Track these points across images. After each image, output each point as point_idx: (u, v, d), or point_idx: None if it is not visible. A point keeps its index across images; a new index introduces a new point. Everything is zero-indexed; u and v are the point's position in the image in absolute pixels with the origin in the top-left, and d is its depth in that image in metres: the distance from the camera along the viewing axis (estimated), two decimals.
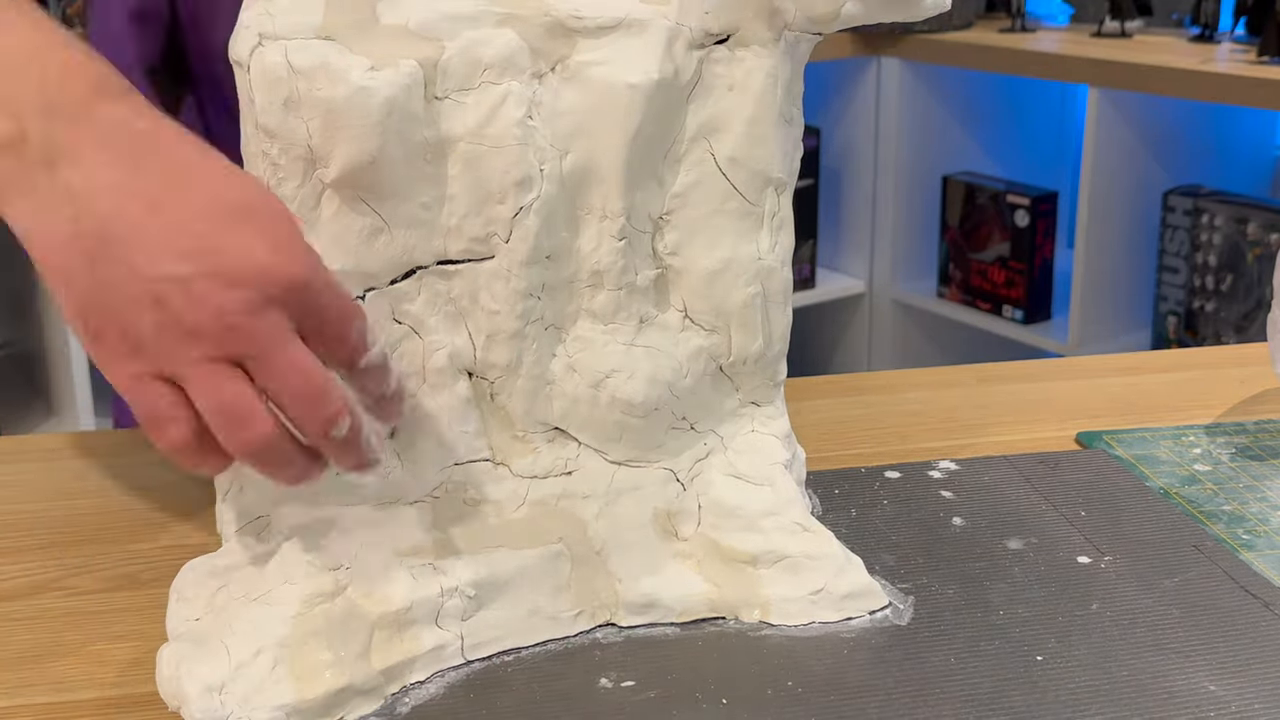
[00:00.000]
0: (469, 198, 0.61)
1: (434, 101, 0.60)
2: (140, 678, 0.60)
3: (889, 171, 2.54)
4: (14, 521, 0.76)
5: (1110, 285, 2.27)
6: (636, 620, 0.64)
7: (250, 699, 0.55)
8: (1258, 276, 2.16)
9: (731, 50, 0.64)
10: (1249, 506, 0.75)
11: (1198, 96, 2.00)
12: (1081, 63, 2.14)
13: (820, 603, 0.64)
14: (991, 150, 2.58)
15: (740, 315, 0.66)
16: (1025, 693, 0.58)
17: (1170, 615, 0.64)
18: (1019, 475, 0.78)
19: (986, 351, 2.54)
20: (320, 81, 0.58)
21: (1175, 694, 0.58)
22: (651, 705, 0.58)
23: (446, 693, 0.59)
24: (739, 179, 0.65)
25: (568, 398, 0.65)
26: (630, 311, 0.65)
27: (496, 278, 0.62)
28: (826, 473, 0.78)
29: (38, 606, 0.67)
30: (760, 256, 0.66)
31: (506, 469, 0.65)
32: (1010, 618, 0.63)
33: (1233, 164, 2.30)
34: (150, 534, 0.74)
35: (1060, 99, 2.59)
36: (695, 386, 0.66)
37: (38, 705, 0.59)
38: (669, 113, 0.64)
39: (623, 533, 0.65)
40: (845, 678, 0.59)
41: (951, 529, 0.72)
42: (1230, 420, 0.87)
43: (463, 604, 0.61)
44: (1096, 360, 1.03)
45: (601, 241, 0.64)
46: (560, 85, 0.62)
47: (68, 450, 0.85)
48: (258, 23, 0.59)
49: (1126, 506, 0.74)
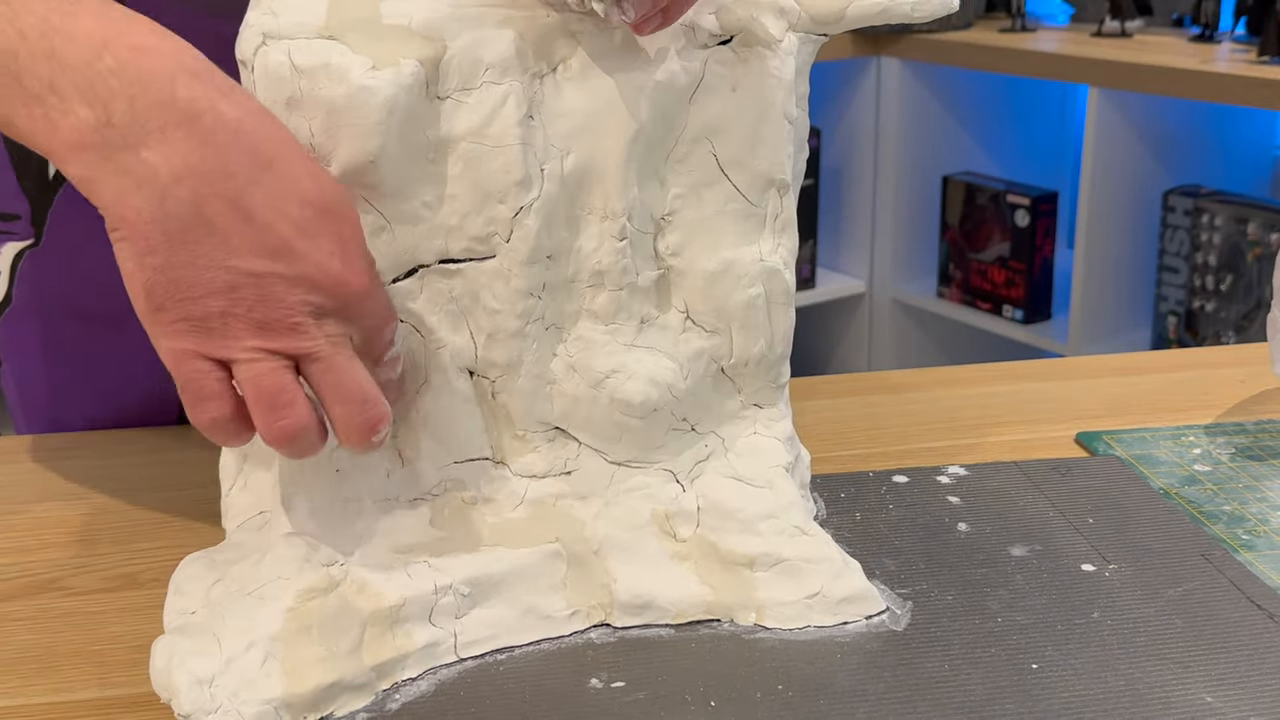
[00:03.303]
0: (470, 197, 0.61)
1: (435, 101, 0.60)
2: (140, 678, 0.60)
3: (889, 171, 2.54)
4: (14, 521, 0.76)
5: (1110, 285, 2.27)
6: (631, 621, 0.64)
7: (240, 692, 0.55)
8: (1258, 276, 2.16)
9: (735, 51, 0.64)
10: (1249, 507, 0.75)
11: (1198, 96, 2.00)
12: (1081, 63, 2.14)
13: (816, 607, 0.63)
14: (991, 150, 2.58)
15: (742, 317, 0.66)
16: (1018, 701, 0.58)
17: (1172, 625, 0.63)
18: (1028, 481, 0.77)
19: (986, 351, 2.54)
20: (322, 81, 0.58)
21: (1171, 705, 0.57)
22: (639, 706, 0.58)
23: (437, 690, 0.59)
24: (741, 180, 0.65)
25: (568, 397, 0.65)
26: (631, 312, 0.65)
27: (497, 277, 0.62)
28: (834, 476, 0.78)
29: (38, 606, 0.67)
30: (762, 258, 0.66)
31: (506, 468, 0.65)
32: (1008, 625, 0.63)
33: (1233, 164, 2.30)
34: (150, 534, 0.74)
35: (1060, 99, 2.59)
36: (696, 388, 0.66)
37: (38, 705, 0.59)
38: (671, 113, 0.64)
39: (620, 533, 0.65)
40: (836, 683, 0.59)
41: (956, 534, 0.72)
42: (1230, 420, 0.87)
43: (457, 601, 0.61)
44: (1096, 360, 1.03)
45: (602, 242, 0.64)
46: (562, 85, 0.62)
47: (68, 450, 0.85)
48: (261, 22, 0.59)
49: (1135, 514, 0.74)
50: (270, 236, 0.54)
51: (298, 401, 0.55)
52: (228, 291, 0.53)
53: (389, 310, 0.59)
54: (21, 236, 0.84)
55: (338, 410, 0.57)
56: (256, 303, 0.54)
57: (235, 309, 0.54)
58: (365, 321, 0.58)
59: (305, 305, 0.55)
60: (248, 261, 0.53)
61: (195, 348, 0.54)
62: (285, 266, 0.54)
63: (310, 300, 0.55)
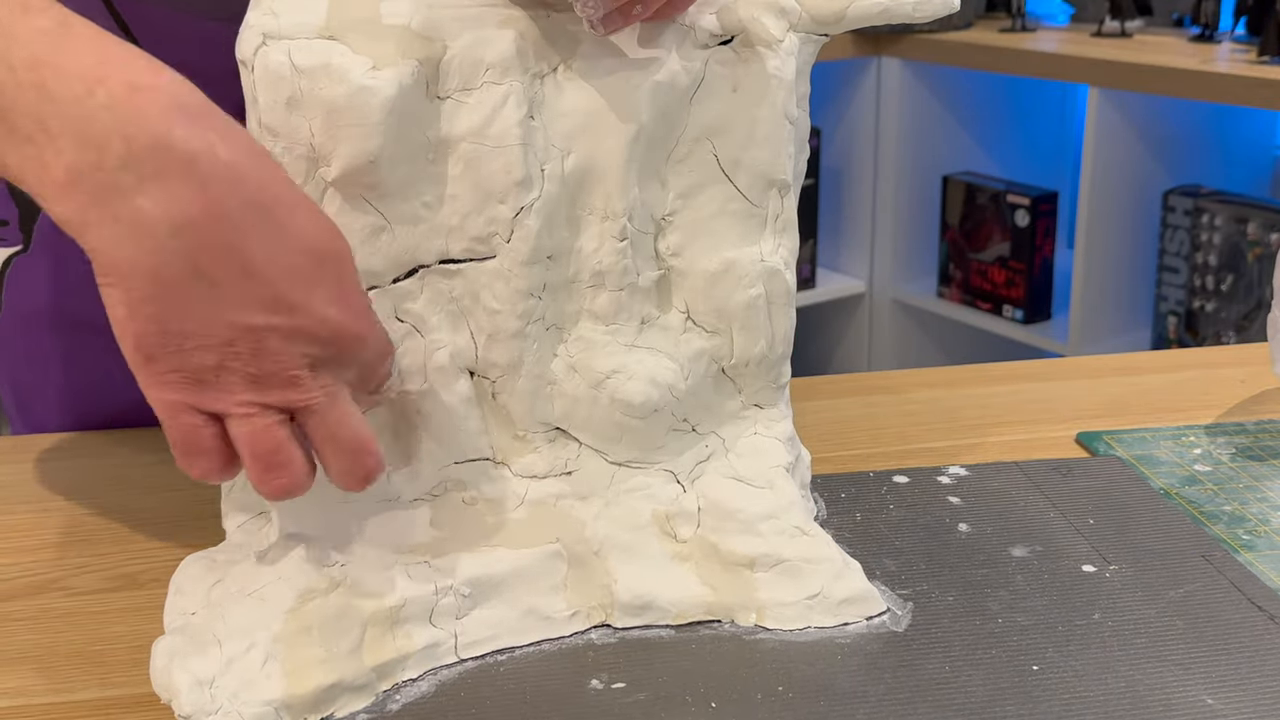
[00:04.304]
0: (470, 197, 0.61)
1: (436, 101, 0.60)
2: (140, 678, 0.59)
3: (889, 171, 2.54)
4: (14, 521, 0.76)
5: (1110, 285, 2.27)
6: (632, 622, 0.63)
7: (240, 694, 0.55)
8: (1258, 276, 2.16)
9: (736, 51, 0.64)
10: (1249, 507, 0.75)
11: (1198, 96, 2.00)
12: (1081, 63, 2.14)
13: (816, 607, 0.63)
14: (991, 150, 2.58)
15: (742, 317, 0.66)
16: (1019, 703, 0.58)
17: (1173, 627, 0.63)
18: (1029, 482, 0.77)
19: (986, 351, 2.55)
20: (322, 81, 0.58)
21: (1172, 707, 0.57)
22: (639, 707, 0.57)
23: (438, 690, 0.59)
24: (742, 180, 0.65)
25: (568, 398, 0.65)
26: (632, 312, 0.65)
27: (498, 277, 0.62)
28: (834, 476, 0.78)
29: (38, 606, 0.67)
30: (763, 258, 0.66)
31: (506, 468, 0.65)
32: (1009, 626, 0.63)
33: (1233, 164, 2.30)
34: (150, 534, 0.74)
35: (1060, 99, 2.59)
36: (697, 388, 0.66)
37: (38, 705, 0.59)
38: (672, 113, 0.64)
39: (621, 534, 0.65)
40: (836, 684, 0.59)
41: (957, 535, 0.72)
42: (1230, 420, 0.87)
43: (457, 602, 0.61)
44: (1096, 360, 1.02)
45: (603, 242, 0.64)
46: (562, 85, 0.62)
47: (68, 450, 0.85)
48: (261, 22, 0.59)
49: (1136, 515, 0.74)
50: (268, 289, 0.51)
51: (294, 461, 0.54)
52: (223, 346, 0.51)
53: (386, 345, 0.58)
54: (10, 242, 0.83)
55: (333, 460, 0.56)
56: (252, 357, 0.52)
57: (230, 363, 0.52)
58: (363, 364, 0.57)
59: (303, 358, 0.53)
60: (245, 315, 0.51)
61: (187, 400, 0.52)
62: (283, 319, 0.52)
63: (308, 352, 0.53)
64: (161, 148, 0.49)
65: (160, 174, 0.49)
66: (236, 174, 0.51)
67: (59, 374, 0.87)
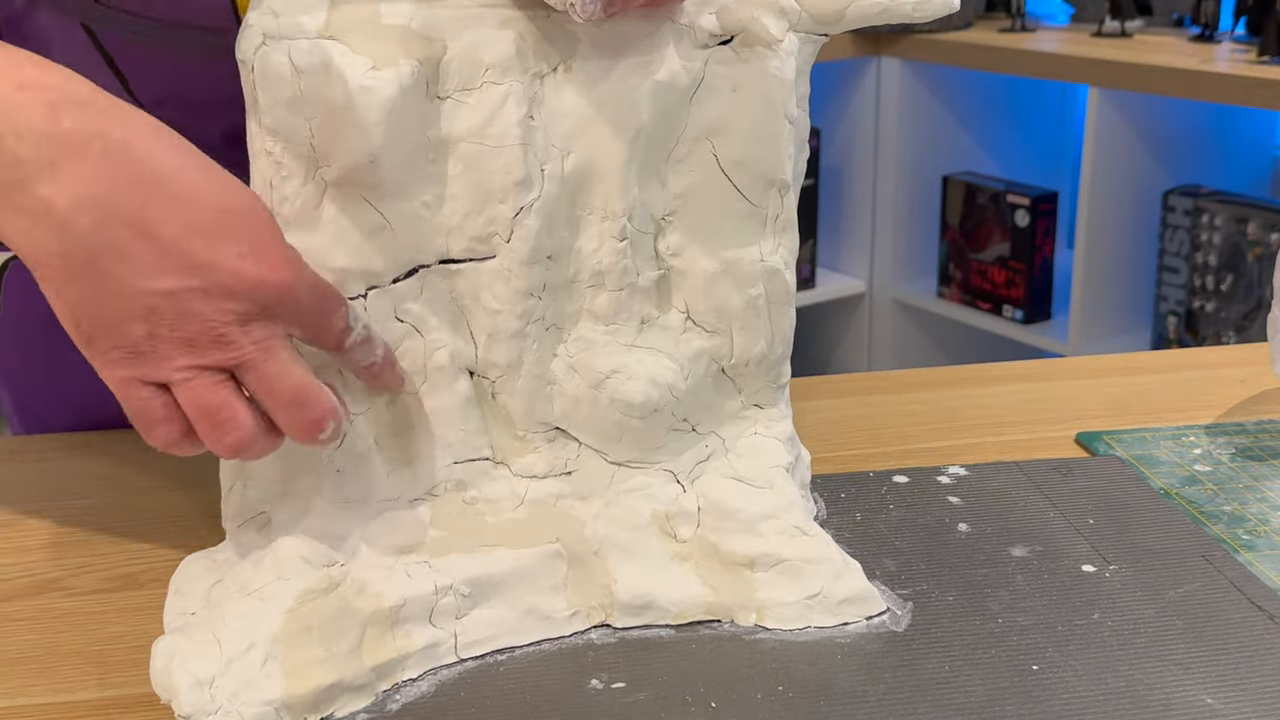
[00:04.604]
0: (470, 197, 0.61)
1: (435, 101, 0.60)
2: (140, 678, 0.59)
3: (889, 171, 2.54)
4: (14, 521, 0.76)
5: (1110, 285, 2.27)
6: (631, 621, 0.63)
7: (240, 694, 0.55)
8: (1258, 276, 2.16)
9: (736, 51, 0.64)
10: (1249, 507, 0.75)
11: (1198, 96, 2.00)
12: (1081, 63, 2.14)
13: (816, 607, 0.63)
14: (991, 150, 2.58)
15: (742, 317, 0.66)
16: (1019, 703, 0.58)
17: (1173, 626, 0.63)
18: (1029, 482, 0.77)
19: (986, 351, 2.55)
20: (322, 81, 0.58)
21: (1172, 706, 0.57)
22: (640, 707, 0.58)
23: (437, 690, 0.59)
24: (742, 180, 0.65)
25: (568, 398, 0.65)
26: (631, 312, 0.65)
27: (498, 277, 0.62)
28: (834, 476, 0.78)
29: (38, 606, 0.67)
30: (763, 258, 0.66)
31: (506, 468, 0.65)
32: (1009, 626, 0.63)
33: (1233, 164, 2.30)
34: (150, 534, 0.74)
35: (1060, 99, 2.60)
36: (697, 388, 0.66)
37: (38, 705, 0.59)
38: (672, 113, 0.64)
39: (621, 533, 0.65)
40: (836, 683, 0.59)
41: (956, 535, 0.72)
42: (1230, 420, 0.87)
43: (457, 602, 0.61)
44: (1096, 360, 1.03)
45: (603, 242, 0.64)
46: (562, 85, 0.62)
47: (68, 450, 0.85)
48: (261, 22, 0.59)
49: (1136, 515, 0.74)
50: (176, 252, 0.53)
51: (238, 415, 0.55)
52: (147, 315, 0.53)
53: (328, 297, 0.58)
54: None
55: (278, 416, 0.57)
56: (178, 321, 0.53)
57: (159, 330, 0.53)
58: (300, 315, 0.57)
59: (227, 314, 0.54)
60: (160, 281, 0.53)
61: (132, 374, 0.54)
62: (198, 279, 0.53)
63: (231, 308, 0.54)
64: (52, 138, 0.52)
65: (55, 162, 0.51)
66: (128, 149, 0.53)
67: (58, 374, 0.87)
